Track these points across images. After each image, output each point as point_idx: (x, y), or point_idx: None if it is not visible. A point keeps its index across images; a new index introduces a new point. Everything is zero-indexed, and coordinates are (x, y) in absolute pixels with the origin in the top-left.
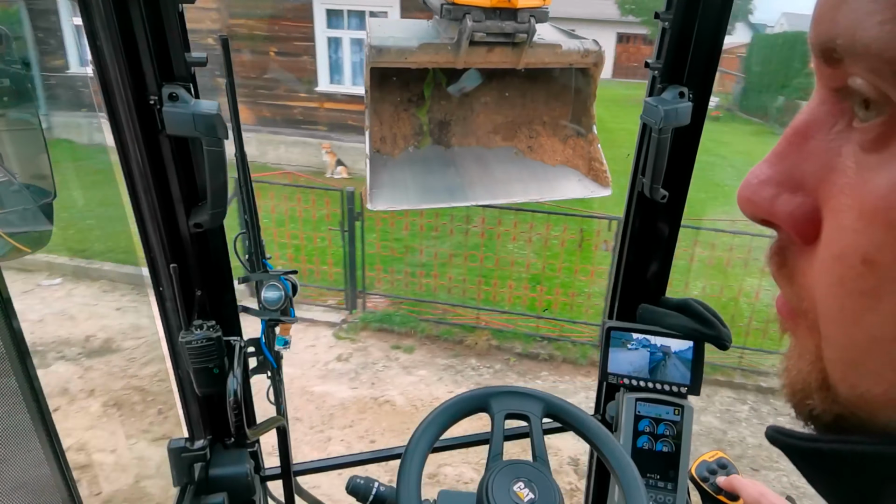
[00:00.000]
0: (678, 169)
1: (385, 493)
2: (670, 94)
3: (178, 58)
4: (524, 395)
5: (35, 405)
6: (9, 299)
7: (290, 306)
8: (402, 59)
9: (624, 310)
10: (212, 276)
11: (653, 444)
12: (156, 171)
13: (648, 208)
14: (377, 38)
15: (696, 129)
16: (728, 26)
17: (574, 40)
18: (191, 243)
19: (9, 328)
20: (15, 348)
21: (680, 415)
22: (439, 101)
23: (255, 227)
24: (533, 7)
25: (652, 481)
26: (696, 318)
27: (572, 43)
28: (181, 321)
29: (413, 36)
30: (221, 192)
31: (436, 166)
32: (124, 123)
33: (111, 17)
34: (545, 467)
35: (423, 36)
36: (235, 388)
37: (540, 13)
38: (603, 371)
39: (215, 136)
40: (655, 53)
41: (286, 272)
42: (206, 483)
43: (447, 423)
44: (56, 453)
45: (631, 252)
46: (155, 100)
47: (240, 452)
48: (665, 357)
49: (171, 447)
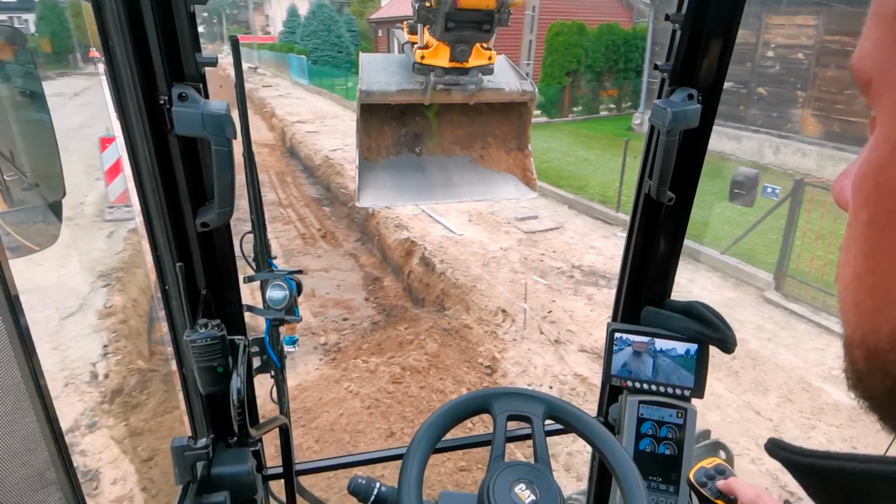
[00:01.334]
0: (685, 171)
1: (386, 493)
2: (679, 97)
3: (189, 58)
4: (526, 396)
5: (40, 403)
6: (16, 296)
7: (294, 306)
8: (385, 99)
9: (628, 312)
10: (217, 276)
11: (655, 446)
12: (164, 171)
13: (655, 210)
14: (366, 83)
15: (705, 131)
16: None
17: (515, 82)
18: (197, 242)
19: (15, 324)
20: (21, 345)
21: (683, 418)
22: (413, 118)
23: (262, 226)
24: (480, 65)
25: (654, 484)
26: (700, 321)
27: (513, 85)
28: (186, 320)
29: (393, 80)
30: (228, 192)
31: (408, 171)
32: (134, 122)
33: (123, 18)
34: (547, 469)
35: (402, 80)
36: (239, 388)
37: (486, 69)
38: (606, 373)
39: (223, 136)
40: (665, 55)
41: (291, 272)
42: (208, 481)
43: (449, 424)
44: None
45: (636, 254)
46: (165, 100)
47: (242, 451)
48: (669, 360)
49: (174, 445)
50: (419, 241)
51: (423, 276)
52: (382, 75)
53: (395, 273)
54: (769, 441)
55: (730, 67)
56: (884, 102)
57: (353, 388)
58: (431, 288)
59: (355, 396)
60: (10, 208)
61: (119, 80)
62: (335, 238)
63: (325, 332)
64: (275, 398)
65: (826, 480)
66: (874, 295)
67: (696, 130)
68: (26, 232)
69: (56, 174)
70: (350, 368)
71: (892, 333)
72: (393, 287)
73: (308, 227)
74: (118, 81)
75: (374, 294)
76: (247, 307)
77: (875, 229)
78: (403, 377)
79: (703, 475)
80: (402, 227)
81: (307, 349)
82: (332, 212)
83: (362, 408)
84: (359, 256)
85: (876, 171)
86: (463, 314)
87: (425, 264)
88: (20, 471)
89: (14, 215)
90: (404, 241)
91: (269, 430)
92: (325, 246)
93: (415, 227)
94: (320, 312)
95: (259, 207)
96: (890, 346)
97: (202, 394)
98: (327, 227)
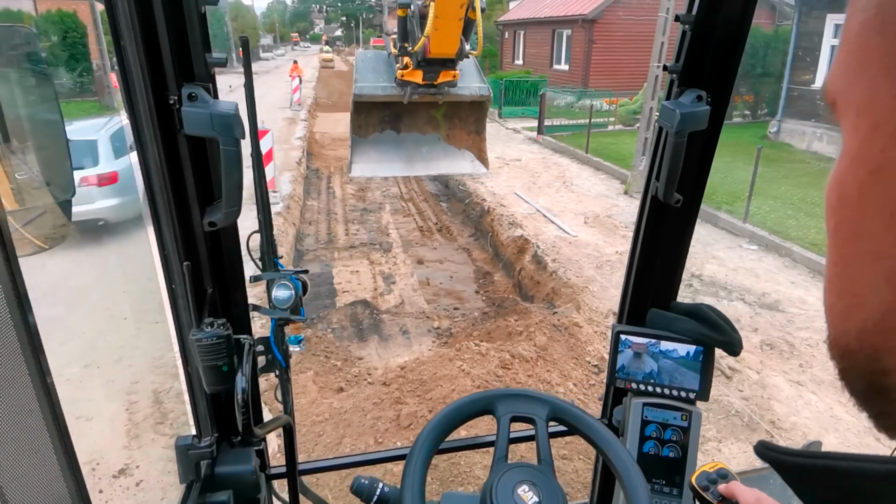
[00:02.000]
0: (693, 173)
1: (389, 493)
2: (688, 98)
3: (199, 58)
4: (530, 397)
5: (46, 400)
6: (25, 293)
7: (300, 305)
8: (373, 99)
9: (634, 314)
10: (224, 275)
11: (659, 449)
12: (172, 170)
13: (661, 212)
14: (358, 87)
15: (714, 133)
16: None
17: (476, 87)
18: (204, 242)
19: (24, 321)
20: (29, 342)
21: (687, 420)
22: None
23: (268, 225)
24: (447, 81)
25: (657, 486)
26: (706, 324)
27: (474, 90)
28: (192, 318)
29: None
30: (236, 192)
31: (390, 146)
32: (144, 122)
33: (135, 19)
34: (550, 470)
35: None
36: (244, 387)
37: (451, 83)
38: (611, 375)
39: (232, 136)
40: (675, 56)
41: (297, 271)
42: (212, 480)
43: (453, 425)
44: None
45: (643, 256)
46: (175, 99)
47: (246, 451)
48: (674, 362)
49: (178, 444)
50: (532, 240)
51: (534, 274)
52: (372, 76)
53: (505, 269)
54: (758, 443)
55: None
56: (845, 121)
57: (465, 367)
58: (542, 286)
59: (466, 375)
60: (20, 206)
61: (130, 80)
62: (450, 232)
63: (438, 318)
64: (279, 398)
65: (813, 480)
66: (843, 299)
67: (705, 132)
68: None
69: (66, 173)
70: (463, 349)
71: (859, 335)
72: (503, 282)
73: (426, 221)
74: (129, 81)
75: (484, 287)
76: (252, 306)
77: (840, 237)
78: (512, 364)
79: (705, 479)
80: (516, 224)
81: (422, 331)
82: (449, 207)
83: (472, 386)
84: (471, 251)
85: (838, 184)
86: (573, 313)
87: (537, 262)
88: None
89: (24, 213)
90: (517, 239)
91: (273, 429)
92: (441, 239)
93: (528, 226)
94: (433, 300)
95: (266, 207)
96: (858, 346)
97: (207, 392)
98: (443, 222)
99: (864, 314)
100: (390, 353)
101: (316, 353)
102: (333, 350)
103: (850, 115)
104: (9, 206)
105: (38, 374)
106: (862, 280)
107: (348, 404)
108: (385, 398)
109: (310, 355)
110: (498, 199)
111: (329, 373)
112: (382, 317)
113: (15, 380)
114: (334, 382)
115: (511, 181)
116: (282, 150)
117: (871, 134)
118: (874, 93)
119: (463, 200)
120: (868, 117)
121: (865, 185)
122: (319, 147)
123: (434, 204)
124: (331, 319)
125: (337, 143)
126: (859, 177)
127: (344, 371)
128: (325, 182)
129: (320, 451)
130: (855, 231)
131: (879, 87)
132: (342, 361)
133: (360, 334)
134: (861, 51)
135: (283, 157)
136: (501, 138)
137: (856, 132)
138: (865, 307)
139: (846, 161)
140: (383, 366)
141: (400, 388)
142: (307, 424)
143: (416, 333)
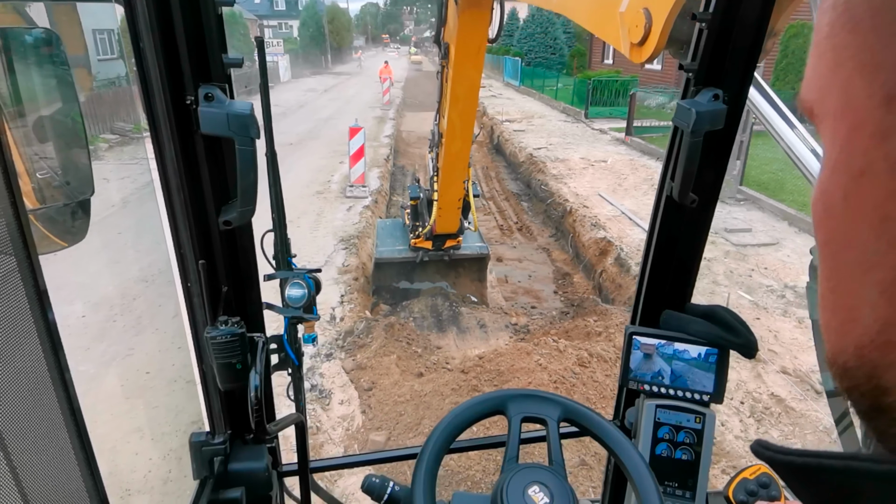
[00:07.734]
0: (708, 174)
1: (399, 492)
2: (704, 97)
3: (216, 59)
4: (542, 398)
5: (65, 397)
6: (45, 291)
7: (313, 304)
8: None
9: (648, 315)
10: (238, 273)
11: (672, 451)
12: (189, 169)
13: (676, 213)
14: (378, 251)
15: (730, 132)
16: None
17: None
18: (219, 240)
19: (44, 319)
20: (49, 340)
21: (701, 423)
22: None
23: (283, 225)
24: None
25: (670, 489)
26: (722, 326)
27: (474, 248)
28: (207, 316)
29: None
30: (251, 191)
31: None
32: (161, 122)
33: (153, 20)
34: (561, 472)
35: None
36: (257, 384)
37: (456, 247)
38: (624, 376)
39: (248, 136)
40: (690, 55)
41: (310, 270)
42: (225, 477)
43: (464, 425)
44: (84, 446)
45: (657, 257)
46: (191, 100)
47: (259, 448)
48: (688, 364)
49: (192, 440)
50: (616, 242)
51: (616, 277)
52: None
53: (585, 271)
54: (755, 442)
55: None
56: (823, 128)
57: (542, 362)
58: (624, 289)
59: (543, 370)
60: (41, 205)
61: (148, 81)
62: (530, 232)
63: (516, 315)
64: (291, 395)
65: (807, 479)
66: (837, 314)
67: (721, 132)
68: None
69: (86, 172)
70: (541, 344)
71: (857, 352)
72: (582, 284)
73: (506, 220)
74: (147, 81)
75: (563, 288)
76: (266, 305)
77: (830, 250)
78: (590, 362)
79: (744, 490)
80: (600, 226)
81: (499, 326)
82: (530, 207)
83: (549, 381)
84: (551, 251)
85: (822, 194)
86: None
87: (620, 265)
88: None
89: (44, 212)
90: (600, 241)
91: (285, 426)
92: (521, 238)
93: (612, 228)
94: (511, 298)
95: (280, 206)
96: (857, 363)
97: (221, 390)
98: (524, 221)
99: (860, 329)
100: (468, 344)
101: (399, 339)
102: (414, 338)
103: (827, 122)
104: (30, 204)
105: (56, 371)
106: (855, 293)
107: (428, 388)
108: (463, 385)
109: (393, 340)
110: (581, 200)
111: (410, 358)
112: (461, 309)
113: (35, 375)
114: (415, 367)
115: (595, 182)
116: (371, 148)
117: (850, 137)
118: (849, 94)
119: (544, 200)
120: (845, 120)
121: (850, 192)
122: (405, 145)
123: (515, 203)
124: (412, 309)
125: (422, 140)
126: (842, 184)
127: (424, 357)
128: (410, 178)
129: (401, 429)
130: (844, 242)
131: (855, 87)
132: (422, 349)
133: (439, 325)
134: (833, 51)
135: (372, 154)
136: (587, 139)
137: (835, 138)
138: (861, 321)
139: (828, 169)
140: (461, 355)
141: (478, 376)
142: (389, 404)
143: (493, 328)
